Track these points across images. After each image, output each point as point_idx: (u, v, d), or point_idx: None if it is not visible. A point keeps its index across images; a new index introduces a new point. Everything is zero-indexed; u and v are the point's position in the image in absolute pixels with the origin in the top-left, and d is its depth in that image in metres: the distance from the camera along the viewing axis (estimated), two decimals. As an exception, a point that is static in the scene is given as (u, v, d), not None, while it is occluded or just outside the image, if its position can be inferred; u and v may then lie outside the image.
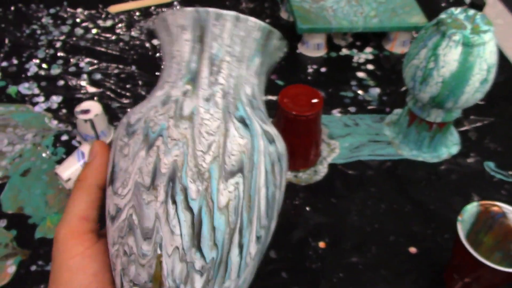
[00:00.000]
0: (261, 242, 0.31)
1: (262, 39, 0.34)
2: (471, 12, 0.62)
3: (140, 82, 0.79)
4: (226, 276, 0.30)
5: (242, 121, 0.31)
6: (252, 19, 0.33)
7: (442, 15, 0.62)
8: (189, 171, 0.29)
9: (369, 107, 0.78)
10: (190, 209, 0.29)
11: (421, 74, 0.63)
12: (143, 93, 0.77)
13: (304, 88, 0.65)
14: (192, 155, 0.29)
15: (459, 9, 0.63)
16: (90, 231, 0.33)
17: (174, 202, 0.29)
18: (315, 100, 0.64)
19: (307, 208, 0.65)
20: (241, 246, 0.30)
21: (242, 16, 0.33)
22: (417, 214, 0.65)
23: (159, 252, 0.29)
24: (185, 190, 0.29)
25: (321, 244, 0.61)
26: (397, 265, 0.60)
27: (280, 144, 0.33)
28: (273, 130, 0.34)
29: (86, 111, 0.66)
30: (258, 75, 0.35)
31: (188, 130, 0.30)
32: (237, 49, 0.33)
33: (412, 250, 0.61)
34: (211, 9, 0.33)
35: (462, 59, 0.60)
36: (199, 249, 0.29)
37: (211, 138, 0.30)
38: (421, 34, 0.64)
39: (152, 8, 0.93)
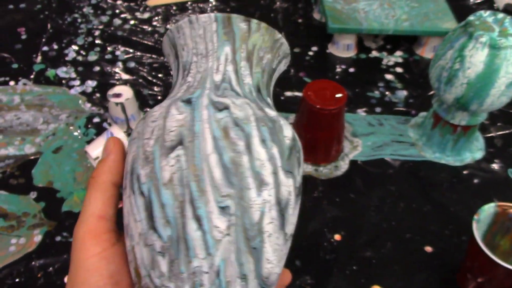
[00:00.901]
0: (233, 213, 0.29)
1: (222, 27, 0.34)
2: (500, 15, 0.63)
3: (171, 73, 0.82)
4: (190, 254, 0.28)
5: (187, 101, 0.32)
6: (204, 15, 0.34)
7: (471, 17, 0.62)
8: (139, 160, 0.30)
9: (395, 109, 0.78)
10: (142, 193, 0.30)
11: (446, 74, 0.63)
12: (173, 86, 0.80)
13: (329, 83, 0.66)
14: (141, 145, 0.31)
15: (488, 12, 0.63)
16: (109, 230, 0.32)
17: (133, 192, 0.30)
18: (339, 95, 0.65)
19: (325, 202, 0.65)
20: (198, 219, 0.28)
21: (193, 17, 0.34)
22: (436, 214, 0.65)
23: (132, 243, 0.30)
24: (138, 178, 0.30)
25: (337, 237, 0.62)
26: (411, 262, 0.60)
27: (239, 111, 0.31)
28: (238, 101, 0.32)
29: (118, 95, 0.69)
30: (238, 60, 0.35)
31: (141, 127, 0.32)
32: (201, 47, 0.34)
33: (428, 249, 0.61)
34: (174, 25, 0.36)
35: (488, 61, 0.60)
36: (155, 229, 0.29)
37: (153, 124, 0.31)
38: (449, 36, 0.64)
39: (189, 3, 0.96)
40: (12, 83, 0.78)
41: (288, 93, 0.79)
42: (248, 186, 0.29)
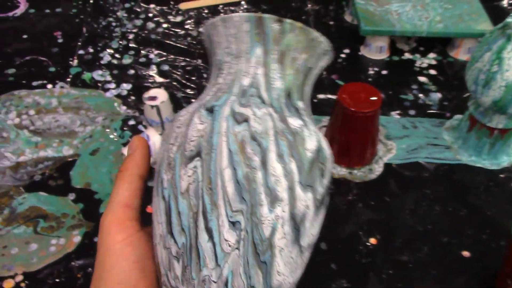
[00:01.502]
0: (243, 228, 0.29)
1: (254, 28, 0.34)
2: (540, 16, 0.61)
3: (204, 75, 0.83)
4: (201, 263, 0.29)
5: (210, 109, 0.32)
6: (237, 15, 0.34)
7: (509, 19, 0.61)
8: (164, 164, 0.32)
9: (429, 111, 0.78)
10: (164, 197, 0.31)
11: (484, 77, 0.62)
12: (207, 85, 0.81)
13: (363, 86, 0.66)
14: (166, 149, 0.32)
15: (527, 13, 0.62)
16: (133, 218, 0.34)
17: (157, 193, 0.32)
18: (374, 98, 0.64)
19: (360, 205, 0.65)
20: (209, 231, 0.29)
21: (227, 16, 0.34)
22: (473, 218, 0.64)
23: (155, 242, 0.32)
24: (161, 181, 0.31)
25: (372, 240, 0.62)
26: (448, 266, 0.59)
27: (258, 124, 0.31)
28: (260, 112, 0.32)
29: (153, 98, 0.70)
30: (269, 63, 0.34)
31: (168, 131, 0.34)
32: (233, 47, 0.34)
33: (465, 253, 0.61)
34: (209, 21, 0.36)
35: (528, 63, 0.59)
36: (172, 234, 0.30)
37: (178, 130, 0.32)
38: (486, 38, 0.63)
39: (221, 6, 0.97)
40: (49, 86, 0.80)
41: (321, 96, 0.79)
42: (261, 203, 0.29)
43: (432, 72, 0.84)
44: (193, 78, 0.82)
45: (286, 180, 0.30)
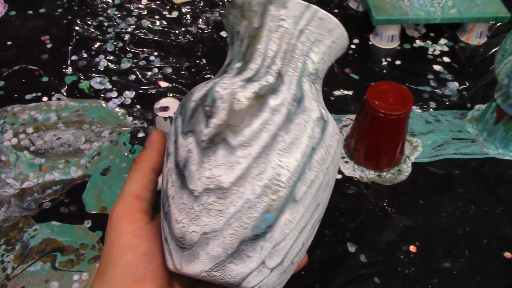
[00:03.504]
0: None
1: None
2: None
3: (211, 77, 0.77)
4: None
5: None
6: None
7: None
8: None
9: (448, 103, 0.75)
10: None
11: (519, 70, 0.60)
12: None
13: (392, 85, 0.62)
14: None
15: None
16: (143, 210, 0.33)
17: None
18: (405, 98, 0.61)
19: (393, 210, 0.62)
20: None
21: None
22: (510, 216, 0.62)
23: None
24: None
25: (412, 248, 0.59)
26: (492, 270, 0.57)
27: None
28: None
29: (165, 108, 0.65)
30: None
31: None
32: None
33: (507, 255, 0.59)
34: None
35: None
36: None
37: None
38: (520, 29, 0.60)
39: (216, -2, 0.91)
40: (45, 98, 0.73)
41: (337, 92, 0.75)
42: None
43: (446, 59, 0.81)
44: (198, 78, 0.77)
45: (173, 136, 0.33)
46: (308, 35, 0.35)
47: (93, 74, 0.77)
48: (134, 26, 0.85)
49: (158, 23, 0.86)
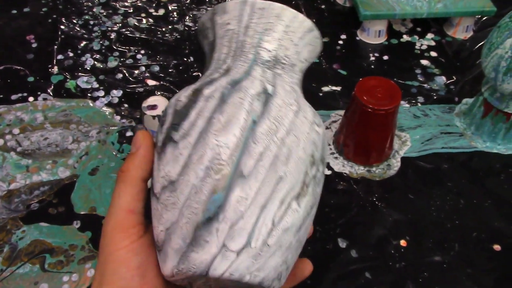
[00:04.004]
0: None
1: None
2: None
3: (200, 74, 0.77)
4: None
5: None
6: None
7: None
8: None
9: (436, 97, 0.75)
10: None
11: (505, 64, 0.60)
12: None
13: (380, 80, 0.63)
14: None
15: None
16: (137, 223, 0.33)
17: None
18: (393, 93, 0.61)
19: (383, 205, 0.62)
20: None
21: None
22: (499, 209, 0.63)
23: None
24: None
25: (402, 242, 0.59)
26: (482, 263, 0.58)
27: None
28: None
29: (153, 107, 0.64)
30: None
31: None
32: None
33: (497, 247, 0.59)
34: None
35: (554, 49, 0.57)
36: None
37: None
38: (506, 22, 0.61)
39: (203, -5, 0.90)
40: (31, 98, 0.72)
41: (326, 88, 0.75)
42: None
43: (433, 54, 0.81)
44: (186, 76, 0.76)
45: None
46: (254, 28, 0.35)
47: (80, 73, 0.76)
48: (120, 24, 0.84)
49: (144, 21, 0.85)
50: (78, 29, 0.83)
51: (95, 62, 0.78)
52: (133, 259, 0.32)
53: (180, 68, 0.78)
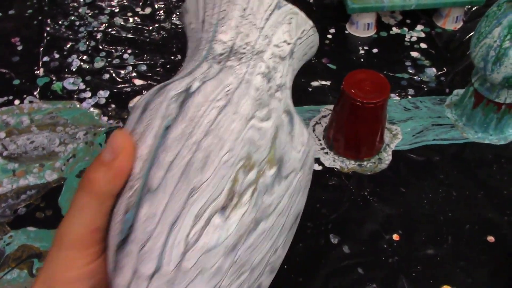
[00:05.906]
0: None
1: None
2: (549, -15, 0.58)
3: (187, 72, 0.76)
4: None
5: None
6: None
7: (519, -10, 0.58)
8: None
9: (427, 89, 0.74)
10: None
11: (494, 54, 0.59)
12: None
13: (368, 73, 0.62)
14: None
15: (536, -17, 0.59)
16: (99, 241, 0.29)
17: None
18: (381, 86, 0.60)
19: (375, 199, 0.62)
20: None
21: None
22: (491, 200, 0.62)
23: None
24: None
25: (395, 236, 0.59)
26: (476, 255, 0.57)
27: None
28: None
29: (140, 107, 0.63)
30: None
31: None
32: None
33: (490, 239, 0.59)
34: None
35: (542, 37, 0.56)
36: None
37: None
38: (493, 11, 0.60)
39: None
40: (17, 102, 0.71)
41: (315, 83, 0.74)
42: None
43: (423, 45, 0.81)
44: (173, 74, 0.75)
45: None
46: (209, 21, 0.32)
47: (66, 75, 0.75)
48: (106, 24, 0.83)
49: (131, 20, 0.84)
50: (64, 30, 0.82)
51: (82, 63, 0.77)
52: (85, 282, 0.29)
53: (168, 66, 0.77)
